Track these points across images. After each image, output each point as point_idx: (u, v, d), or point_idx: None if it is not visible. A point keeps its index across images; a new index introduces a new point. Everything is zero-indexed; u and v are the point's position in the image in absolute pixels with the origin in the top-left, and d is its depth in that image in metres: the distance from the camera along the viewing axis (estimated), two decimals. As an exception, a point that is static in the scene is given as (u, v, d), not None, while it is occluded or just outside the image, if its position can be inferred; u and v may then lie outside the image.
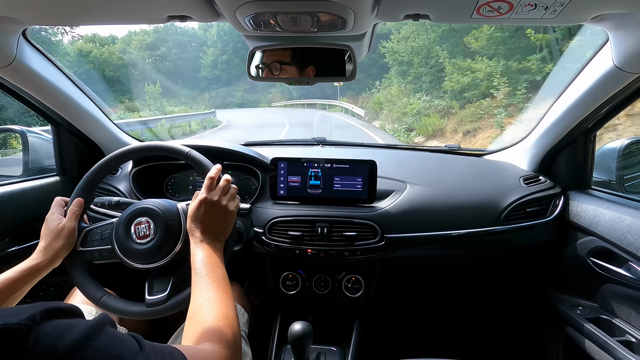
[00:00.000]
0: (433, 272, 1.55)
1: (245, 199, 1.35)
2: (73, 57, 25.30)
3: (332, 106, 19.80)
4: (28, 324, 0.35)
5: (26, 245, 1.19)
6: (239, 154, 1.35)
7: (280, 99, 32.04)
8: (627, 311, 1.06)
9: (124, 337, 0.44)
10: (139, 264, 0.89)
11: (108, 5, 0.80)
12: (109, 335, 0.42)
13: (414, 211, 1.23)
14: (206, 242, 0.80)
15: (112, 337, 0.42)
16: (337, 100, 20.52)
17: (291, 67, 0.98)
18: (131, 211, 0.91)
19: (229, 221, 0.86)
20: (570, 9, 0.75)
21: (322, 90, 25.37)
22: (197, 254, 0.77)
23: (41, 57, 1.10)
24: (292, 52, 0.98)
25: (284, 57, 0.98)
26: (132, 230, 0.89)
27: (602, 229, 1.09)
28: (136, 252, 0.88)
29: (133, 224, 0.89)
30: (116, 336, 0.43)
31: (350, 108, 17.32)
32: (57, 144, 1.39)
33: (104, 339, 0.40)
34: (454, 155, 1.62)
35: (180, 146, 0.95)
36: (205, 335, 0.62)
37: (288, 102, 29.26)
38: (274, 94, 33.85)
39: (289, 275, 1.32)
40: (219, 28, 40.72)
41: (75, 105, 1.26)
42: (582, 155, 1.28)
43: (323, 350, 1.26)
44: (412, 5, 0.78)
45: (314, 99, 23.75)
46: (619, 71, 0.94)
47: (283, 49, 0.97)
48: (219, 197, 0.84)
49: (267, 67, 0.98)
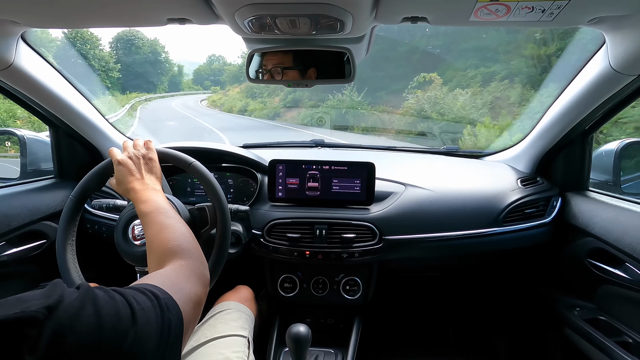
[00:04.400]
0: (431, 273, 1.55)
1: (243, 201, 1.34)
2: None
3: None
4: (44, 312, 0.35)
5: (23, 248, 1.18)
6: (238, 156, 1.35)
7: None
8: (624, 312, 1.07)
9: (111, 295, 0.43)
10: (144, 266, 0.87)
11: (107, 9, 0.80)
12: (101, 296, 0.41)
13: (412, 213, 1.24)
14: (142, 190, 0.80)
15: (104, 299, 0.41)
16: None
17: (293, 71, 0.99)
18: (125, 216, 0.91)
19: (152, 164, 0.87)
20: (567, 12, 0.75)
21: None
22: (139, 202, 0.77)
23: (40, 59, 1.10)
24: (294, 56, 0.98)
25: (286, 61, 0.98)
26: (130, 235, 0.88)
27: (599, 230, 1.10)
28: (139, 255, 0.87)
29: (131, 225, 0.89)
30: (105, 297, 0.42)
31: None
32: (55, 146, 1.39)
33: (94, 302, 0.40)
34: (452, 157, 1.63)
35: (185, 156, 0.94)
36: (166, 257, 0.63)
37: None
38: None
39: (287, 278, 1.32)
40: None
41: (73, 108, 1.26)
42: (579, 157, 1.29)
43: (321, 352, 1.26)
44: (411, 8, 0.78)
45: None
46: (615, 73, 0.94)
47: (283, 52, 0.97)
48: (130, 151, 0.86)
49: (268, 72, 0.99)
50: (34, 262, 1.22)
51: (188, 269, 0.60)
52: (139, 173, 0.84)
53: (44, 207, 1.24)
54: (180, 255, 0.63)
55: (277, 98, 15.49)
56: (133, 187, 0.81)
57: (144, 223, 0.73)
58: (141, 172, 0.84)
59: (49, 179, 1.39)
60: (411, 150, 1.80)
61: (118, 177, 0.84)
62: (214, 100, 21.92)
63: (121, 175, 0.83)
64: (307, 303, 1.34)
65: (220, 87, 28.69)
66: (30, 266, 1.22)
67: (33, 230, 1.21)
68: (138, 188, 0.80)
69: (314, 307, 1.39)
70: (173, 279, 0.56)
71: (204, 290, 0.61)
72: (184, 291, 0.53)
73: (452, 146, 1.71)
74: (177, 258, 0.62)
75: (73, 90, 1.25)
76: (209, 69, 39.28)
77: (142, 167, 0.85)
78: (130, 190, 0.81)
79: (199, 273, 0.61)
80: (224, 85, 27.55)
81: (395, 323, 1.73)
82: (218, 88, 29.26)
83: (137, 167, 0.84)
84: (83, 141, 1.40)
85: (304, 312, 1.39)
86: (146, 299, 0.45)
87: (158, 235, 0.68)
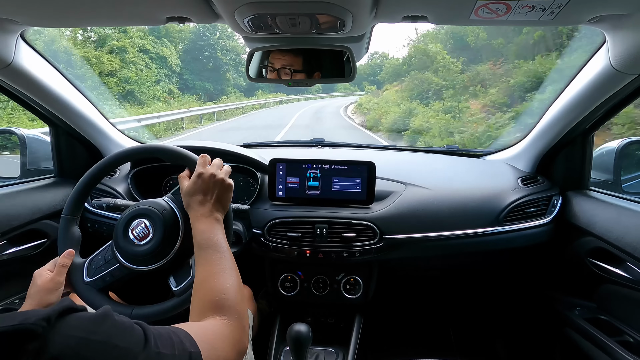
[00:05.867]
0: (431, 272, 1.55)
1: (244, 201, 1.34)
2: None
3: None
4: (43, 325, 0.36)
5: (23, 247, 1.18)
6: (238, 155, 1.35)
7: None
8: (625, 311, 1.07)
9: (129, 326, 0.44)
10: (148, 266, 0.87)
11: (106, 8, 0.80)
12: (113, 325, 0.42)
13: (413, 212, 1.23)
14: (205, 216, 0.79)
15: (116, 327, 0.42)
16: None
17: (300, 73, 0.99)
18: (125, 216, 0.89)
19: (226, 194, 0.85)
20: (568, 11, 0.75)
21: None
22: (197, 227, 0.77)
23: (39, 58, 1.10)
24: (303, 58, 0.98)
25: (295, 63, 0.98)
26: (131, 235, 0.88)
27: (600, 229, 1.10)
28: (141, 254, 0.86)
29: (131, 225, 0.88)
30: (118, 326, 0.43)
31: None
32: (55, 145, 1.39)
33: (108, 329, 0.41)
34: (453, 156, 1.63)
35: (191, 154, 0.93)
36: (210, 309, 0.61)
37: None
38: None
39: (288, 277, 1.32)
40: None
41: (73, 107, 1.26)
42: (580, 156, 1.29)
43: (322, 351, 1.26)
44: (411, 6, 0.78)
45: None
46: (616, 72, 0.94)
47: (294, 54, 0.97)
48: (214, 171, 0.84)
49: (275, 70, 0.99)
50: (35, 261, 1.22)
51: (228, 330, 0.59)
52: (210, 195, 0.82)
53: (44, 206, 1.24)
54: (225, 312, 0.61)
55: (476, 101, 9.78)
56: (197, 208, 0.80)
57: (198, 257, 0.72)
58: (213, 195, 0.82)
59: (49, 178, 1.39)
60: (411, 149, 1.80)
61: (191, 188, 0.82)
62: (360, 105, 16.59)
63: (196, 188, 0.81)
64: (308, 302, 1.34)
65: (376, 87, 24.87)
66: (30, 265, 1.22)
67: (33, 229, 1.21)
68: (202, 212, 0.79)
69: (315, 306, 1.39)
70: (209, 336, 0.54)
71: (237, 358, 0.59)
72: (217, 352, 0.52)
73: (452, 145, 1.71)
74: (221, 314, 0.61)
75: (73, 89, 1.25)
76: (368, 66, 34.90)
77: (215, 192, 0.83)
78: (194, 209, 0.80)
79: (237, 339, 0.59)
80: (380, 85, 23.43)
81: (396, 322, 1.73)
82: (373, 87, 25.35)
83: (212, 189, 0.82)
84: (83, 140, 1.40)
85: (305, 311, 1.39)
86: (170, 345, 0.45)
87: (208, 280, 0.66)
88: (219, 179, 0.83)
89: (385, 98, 13.85)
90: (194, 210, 0.80)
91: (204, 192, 0.82)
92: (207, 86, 23.80)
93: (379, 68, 30.84)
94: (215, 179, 0.83)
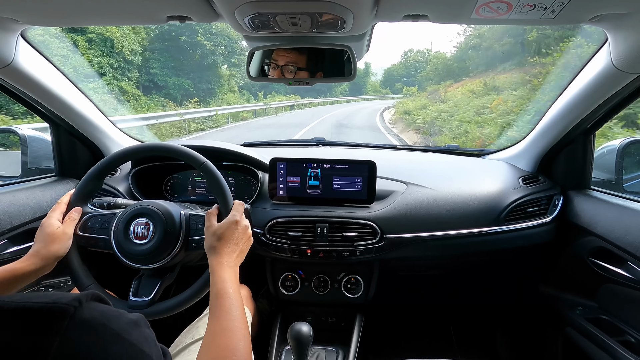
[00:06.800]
0: (432, 272, 1.55)
1: (244, 200, 1.34)
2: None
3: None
4: (74, 305, 0.38)
5: (24, 246, 1.19)
6: (238, 154, 1.35)
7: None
8: (626, 311, 1.06)
9: (155, 341, 0.46)
10: (132, 263, 0.88)
11: (107, 7, 0.80)
12: (143, 333, 0.44)
13: (414, 211, 1.23)
14: (230, 266, 0.79)
15: (145, 336, 0.44)
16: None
17: (304, 72, 0.99)
18: (132, 210, 0.90)
19: (248, 249, 0.87)
20: (569, 10, 0.75)
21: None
22: (219, 275, 0.76)
23: (40, 57, 1.10)
24: (307, 57, 0.99)
25: (300, 61, 0.98)
26: (131, 229, 0.88)
27: (601, 229, 1.09)
28: (132, 251, 0.88)
29: (133, 223, 0.89)
30: (148, 337, 0.45)
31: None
32: (56, 144, 1.39)
33: (139, 335, 0.43)
34: (453, 155, 1.63)
35: (197, 154, 0.93)
36: None
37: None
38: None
39: (289, 276, 1.32)
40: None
41: (74, 106, 1.26)
42: (581, 155, 1.28)
43: (323, 350, 1.27)
44: (412, 5, 0.78)
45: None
46: (617, 71, 0.94)
47: (299, 53, 0.97)
48: (248, 225, 0.86)
49: (278, 67, 0.99)
50: None
51: None
52: (239, 246, 0.83)
53: (45, 205, 1.24)
54: None
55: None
56: (223, 255, 0.79)
57: (213, 306, 0.72)
58: (240, 247, 0.83)
59: (50, 177, 1.39)
60: (412, 148, 1.79)
61: (223, 233, 0.81)
62: (406, 112, 12.91)
63: (228, 234, 0.81)
64: (309, 301, 1.34)
65: (417, 88, 20.96)
66: None
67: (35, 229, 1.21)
68: (226, 261, 0.79)
69: (316, 306, 1.39)
70: None
71: None
72: None
73: (453, 145, 1.70)
74: None
75: (73, 88, 1.25)
76: (402, 66, 31.62)
77: (243, 244, 0.84)
78: (220, 255, 0.79)
79: None
80: (422, 85, 20.03)
81: (397, 321, 1.73)
82: (414, 89, 21.08)
83: (242, 241, 0.84)
84: (84, 139, 1.40)
85: (306, 311, 1.39)
86: None
87: (220, 336, 0.66)
88: (249, 234, 0.85)
89: (455, 101, 9.56)
90: (219, 256, 0.79)
91: (235, 242, 0.82)
92: (185, 84, 19.46)
93: (413, 68, 28.57)
94: (247, 232, 0.85)
